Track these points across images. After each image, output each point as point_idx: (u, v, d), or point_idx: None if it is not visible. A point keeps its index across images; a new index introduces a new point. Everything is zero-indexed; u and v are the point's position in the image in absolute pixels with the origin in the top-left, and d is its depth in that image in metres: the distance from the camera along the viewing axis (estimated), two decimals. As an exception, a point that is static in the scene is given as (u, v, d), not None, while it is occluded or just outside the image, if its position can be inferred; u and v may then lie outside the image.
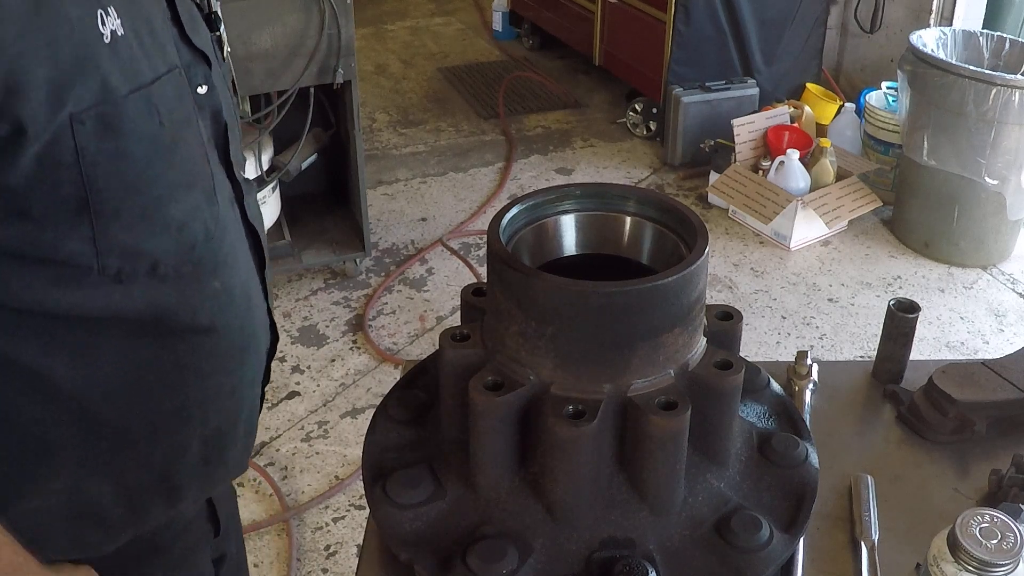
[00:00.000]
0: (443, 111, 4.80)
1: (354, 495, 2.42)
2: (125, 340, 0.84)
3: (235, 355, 0.96)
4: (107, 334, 0.83)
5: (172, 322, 0.87)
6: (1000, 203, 3.33)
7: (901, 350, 1.23)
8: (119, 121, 0.76)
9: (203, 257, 0.88)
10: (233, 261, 0.93)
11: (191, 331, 0.89)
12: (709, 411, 0.85)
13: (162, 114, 0.80)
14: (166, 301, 0.85)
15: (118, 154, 0.76)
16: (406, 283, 3.36)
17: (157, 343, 0.87)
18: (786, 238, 3.57)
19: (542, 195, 0.92)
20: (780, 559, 0.84)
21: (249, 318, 0.98)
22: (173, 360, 0.89)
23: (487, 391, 0.81)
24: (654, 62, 4.21)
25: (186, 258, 0.86)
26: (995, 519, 0.86)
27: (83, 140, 0.74)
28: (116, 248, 0.79)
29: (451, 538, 0.84)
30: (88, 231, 0.77)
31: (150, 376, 0.88)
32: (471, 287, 0.96)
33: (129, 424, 0.90)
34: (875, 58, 4.47)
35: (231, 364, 0.96)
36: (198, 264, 0.87)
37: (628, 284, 0.79)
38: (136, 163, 0.78)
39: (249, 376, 1.02)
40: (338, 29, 2.74)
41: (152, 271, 0.83)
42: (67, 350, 0.82)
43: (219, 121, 0.94)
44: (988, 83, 3.12)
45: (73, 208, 0.76)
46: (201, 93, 0.90)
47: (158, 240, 0.83)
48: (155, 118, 0.79)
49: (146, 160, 0.79)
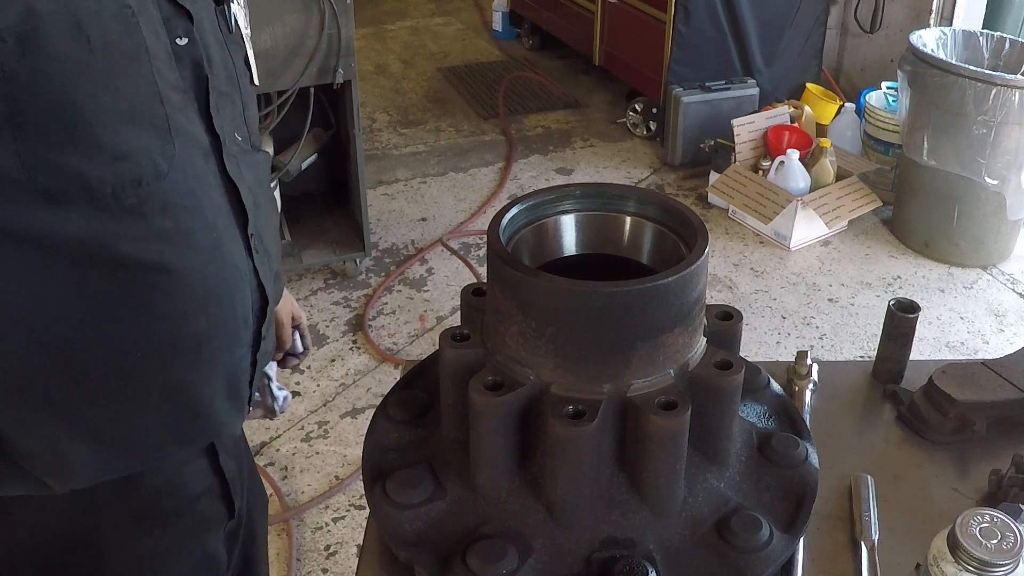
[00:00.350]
0: (443, 111, 4.80)
1: (354, 495, 2.42)
2: (73, 267, 0.86)
3: (196, 301, 0.96)
4: (55, 258, 0.85)
5: (117, 254, 0.88)
6: (1000, 203, 3.33)
7: (901, 350, 1.23)
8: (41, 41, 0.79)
9: (152, 194, 0.89)
10: (194, 206, 0.94)
11: (139, 267, 0.90)
12: (709, 411, 0.85)
13: (93, 43, 0.82)
14: (107, 230, 0.87)
15: (39, 73, 0.79)
16: (406, 283, 3.36)
17: (106, 273, 0.88)
18: (786, 238, 3.57)
19: (542, 195, 0.92)
20: (780, 559, 0.84)
21: (216, 267, 0.98)
22: (123, 294, 0.90)
23: (487, 391, 0.81)
24: (654, 62, 4.21)
25: (130, 191, 0.87)
26: (995, 519, 0.86)
27: (3, 56, 0.77)
28: (45, 166, 0.82)
29: (451, 538, 0.84)
30: (12, 144, 0.80)
31: (101, 307, 0.89)
32: (471, 287, 0.96)
33: (84, 358, 0.91)
34: (875, 58, 4.47)
35: (190, 309, 0.96)
36: (145, 200, 0.88)
37: (628, 284, 0.79)
38: (60, 84, 0.81)
39: (224, 333, 1.01)
40: (338, 29, 2.74)
41: (88, 196, 0.85)
42: (16, 270, 0.84)
43: (200, 74, 0.96)
44: (988, 83, 3.12)
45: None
46: (180, 44, 0.93)
47: (91, 165, 0.84)
48: (84, 45, 0.82)
49: (72, 83, 0.82)
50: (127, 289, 0.90)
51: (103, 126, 0.84)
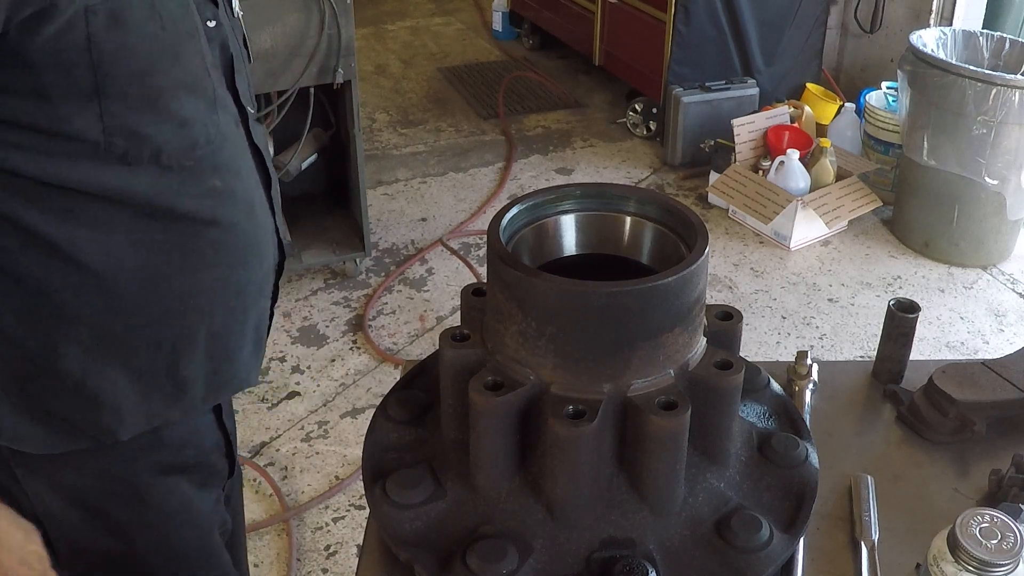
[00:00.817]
0: (443, 111, 4.80)
1: (354, 495, 2.42)
2: (137, 220, 0.96)
3: (239, 252, 1.07)
4: (121, 213, 0.95)
5: (177, 208, 0.99)
6: (1000, 203, 3.33)
7: (901, 350, 1.23)
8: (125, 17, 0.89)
9: (204, 157, 1.00)
10: (235, 169, 1.05)
11: (195, 220, 1.01)
12: (709, 411, 0.85)
13: (164, 20, 0.93)
14: (169, 188, 0.97)
15: (122, 46, 0.90)
16: (406, 283, 3.36)
17: (165, 226, 0.99)
18: (786, 238, 3.57)
19: (542, 195, 0.92)
20: (780, 559, 0.84)
21: (252, 224, 1.09)
22: (180, 243, 1.01)
23: (487, 391, 0.81)
24: (654, 62, 4.21)
25: (188, 154, 0.98)
26: (995, 519, 0.86)
27: (94, 29, 0.87)
28: (122, 130, 0.92)
29: (451, 538, 0.84)
30: (96, 109, 0.90)
31: (160, 256, 0.99)
32: (471, 287, 0.96)
33: (143, 303, 1.00)
34: (875, 58, 4.47)
35: (234, 259, 1.07)
36: (199, 162, 0.99)
37: (628, 284, 0.79)
38: (139, 56, 0.91)
39: (255, 283, 1.12)
40: (338, 29, 2.74)
41: (156, 158, 0.95)
42: (86, 224, 0.94)
43: (226, 52, 1.07)
44: (988, 83, 3.12)
45: (84, 90, 0.89)
46: (211, 26, 1.03)
47: (160, 129, 0.95)
48: (157, 22, 0.93)
49: (148, 55, 0.92)
50: (183, 240, 1.01)
51: (170, 96, 0.95)
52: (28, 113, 0.88)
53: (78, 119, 0.90)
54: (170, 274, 1.01)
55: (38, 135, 0.89)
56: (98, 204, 0.93)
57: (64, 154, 0.90)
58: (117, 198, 0.94)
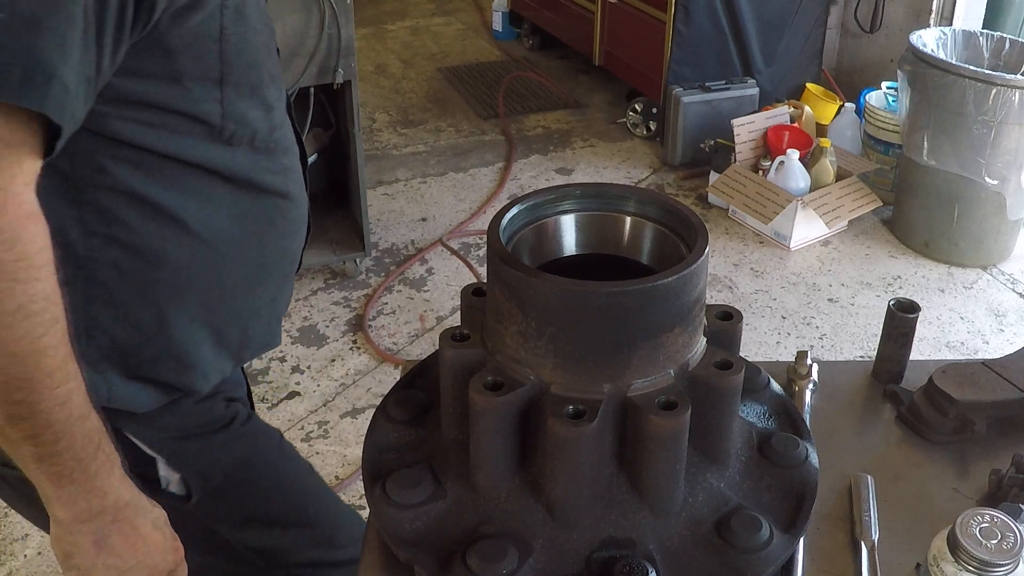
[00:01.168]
0: (443, 111, 4.81)
1: (354, 495, 2.42)
2: (234, 193, 1.06)
3: (297, 224, 1.19)
4: (223, 187, 1.05)
5: (263, 183, 1.09)
6: (1000, 203, 3.33)
7: (901, 350, 1.23)
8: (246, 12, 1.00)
9: (278, 138, 1.11)
10: (292, 148, 1.16)
11: (273, 193, 1.11)
12: (709, 411, 0.85)
13: (264, 16, 1.06)
14: (258, 165, 1.08)
15: (242, 38, 1.00)
16: (406, 283, 3.36)
17: (253, 199, 1.09)
18: (786, 238, 3.57)
19: (542, 195, 0.92)
20: (780, 559, 0.84)
21: (303, 198, 1.20)
22: (263, 214, 1.11)
23: (487, 391, 0.81)
24: (654, 62, 4.21)
25: (271, 136, 1.09)
26: (995, 519, 0.86)
27: (226, 22, 0.97)
28: (235, 114, 1.02)
29: (451, 538, 0.84)
30: (218, 95, 0.99)
31: (250, 227, 1.09)
32: (471, 287, 0.96)
33: (235, 272, 1.10)
34: (875, 58, 4.47)
35: (294, 230, 1.18)
36: (276, 142, 1.10)
37: (628, 284, 0.79)
38: (252, 49, 1.02)
39: (299, 253, 1.23)
40: (338, 29, 2.74)
41: (251, 139, 1.06)
42: (197, 197, 1.03)
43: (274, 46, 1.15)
44: (988, 83, 3.12)
45: (211, 77, 0.98)
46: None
47: (257, 114, 1.06)
48: (262, 19, 1.05)
49: (256, 48, 1.03)
50: (263, 210, 1.11)
51: (265, 84, 1.06)
52: (161, 95, 0.96)
53: (203, 103, 0.99)
54: (254, 244, 1.12)
55: (168, 115, 0.97)
56: (206, 179, 1.03)
57: (186, 133, 0.99)
58: (221, 174, 1.04)
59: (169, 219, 1.01)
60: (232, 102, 1.01)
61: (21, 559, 2.28)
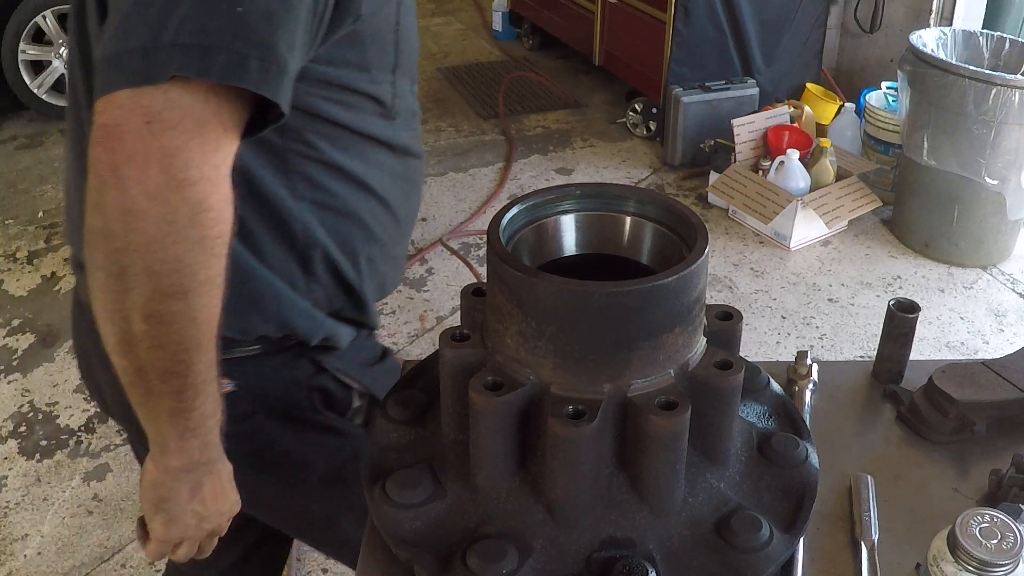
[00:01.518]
0: (443, 111, 4.81)
1: (354, 495, 2.42)
2: (392, 158, 1.20)
3: (423, 179, 1.32)
4: (384, 152, 1.18)
5: (408, 148, 1.23)
6: (1000, 203, 3.33)
7: (901, 350, 1.23)
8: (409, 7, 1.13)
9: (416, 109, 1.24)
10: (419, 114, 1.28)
11: (415, 156, 1.25)
12: (709, 411, 0.85)
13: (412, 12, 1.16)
14: (405, 133, 1.21)
15: (407, 29, 1.13)
16: (406, 283, 3.36)
17: (404, 161, 1.23)
18: (786, 238, 3.57)
19: (542, 195, 0.92)
20: (780, 559, 0.84)
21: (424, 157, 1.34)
22: (409, 173, 1.25)
23: (487, 391, 0.81)
24: (654, 62, 4.21)
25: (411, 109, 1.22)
26: (995, 519, 0.86)
27: (400, 14, 1.10)
28: (401, 95, 1.16)
29: (451, 538, 0.84)
30: (391, 79, 1.13)
31: (401, 183, 1.23)
32: (471, 287, 0.96)
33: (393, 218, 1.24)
34: (875, 58, 4.47)
35: (421, 184, 1.32)
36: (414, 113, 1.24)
37: (628, 284, 0.79)
38: (412, 38, 1.16)
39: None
40: (338, 29, 2.74)
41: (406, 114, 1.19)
42: (371, 163, 1.17)
43: None
44: (988, 83, 3.12)
45: (388, 64, 1.11)
46: None
47: (408, 92, 1.19)
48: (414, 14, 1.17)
49: (415, 37, 1.17)
50: (410, 171, 1.25)
51: (412, 66, 1.19)
52: (352, 80, 1.08)
53: (381, 85, 1.12)
54: (404, 200, 1.26)
55: (357, 96, 1.10)
56: (378, 148, 1.17)
57: (369, 112, 1.13)
58: (387, 143, 1.17)
59: (358, 184, 1.16)
60: (399, 85, 1.15)
61: (21, 559, 2.28)
